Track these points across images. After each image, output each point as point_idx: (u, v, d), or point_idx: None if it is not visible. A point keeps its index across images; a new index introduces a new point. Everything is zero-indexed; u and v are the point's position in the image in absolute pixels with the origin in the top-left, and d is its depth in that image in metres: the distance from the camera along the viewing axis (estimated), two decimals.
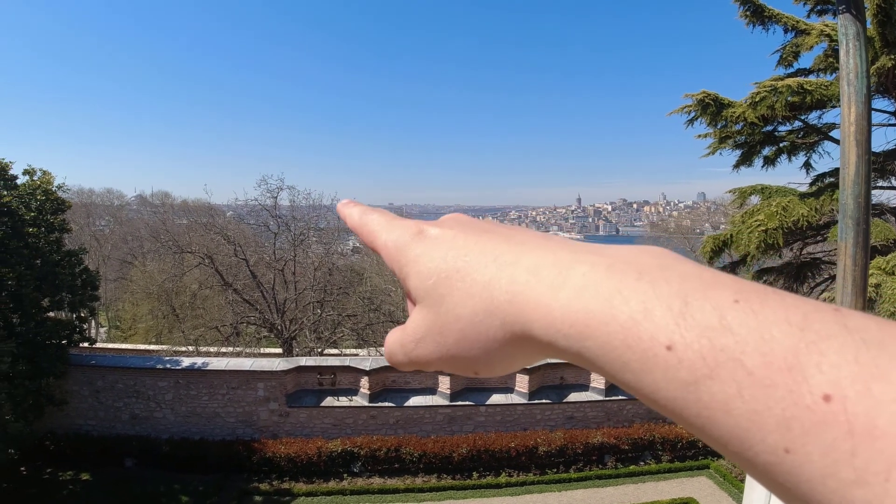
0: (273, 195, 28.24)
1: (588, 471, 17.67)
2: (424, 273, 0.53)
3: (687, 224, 76.79)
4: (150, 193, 79.05)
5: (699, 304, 0.35)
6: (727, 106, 15.11)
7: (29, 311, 17.33)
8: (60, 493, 16.76)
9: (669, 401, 0.35)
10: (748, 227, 14.93)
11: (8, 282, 16.14)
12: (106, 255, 58.16)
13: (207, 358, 19.98)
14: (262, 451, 17.59)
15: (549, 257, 0.45)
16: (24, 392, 15.93)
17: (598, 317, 0.38)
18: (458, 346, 0.49)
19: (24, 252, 16.87)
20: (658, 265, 0.41)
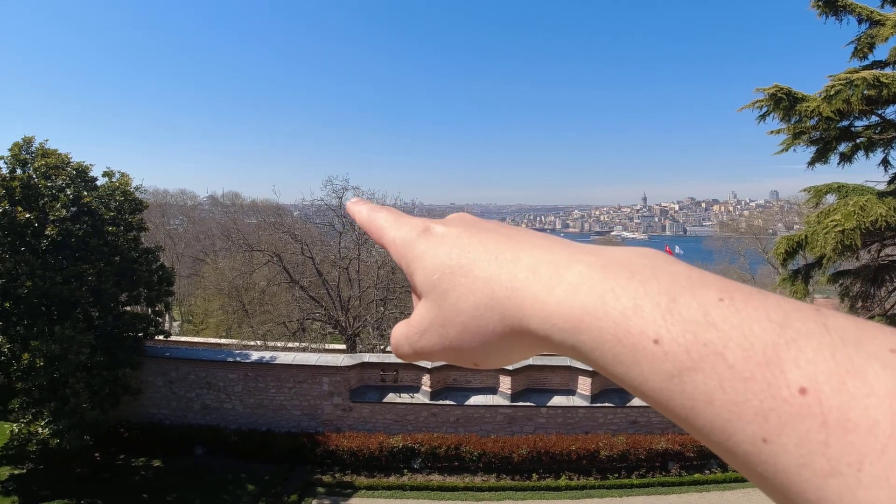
0: (338, 195, 28.77)
1: (651, 477, 17.28)
2: (429, 268, 0.56)
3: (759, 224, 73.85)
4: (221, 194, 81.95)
5: (686, 301, 0.38)
6: (801, 100, 14.49)
7: (108, 305, 18.26)
8: (133, 478, 17.58)
9: (655, 391, 0.38)
10: (824, 228, 14.27)
11: (88, 277, 17.03)
12: (179, 252, 60.60)
13: (275, 352, 20.57)
14: (325, 443, 17.98)
15: (547, 256, 0.49)
16: (101, 382, 16.79)
17: (591, 312, 0.41)
18: (459, 338, 0.53)
19: (104, 249, 17.77)
20: (650, 265, 0.43)
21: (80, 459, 17.66)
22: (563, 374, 19.14)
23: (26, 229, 16.37)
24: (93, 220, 17.75)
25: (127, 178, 19.59)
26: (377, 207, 0.69)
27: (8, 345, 15.58)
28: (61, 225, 16.56)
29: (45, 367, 15.20)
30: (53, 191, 17.21)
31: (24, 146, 17.63)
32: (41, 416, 15.77)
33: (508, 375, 18.63)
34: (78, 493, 16.23)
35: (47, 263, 16.31)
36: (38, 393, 15.61)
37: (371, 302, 27.63)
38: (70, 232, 16.74)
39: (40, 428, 15.67)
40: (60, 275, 16.30)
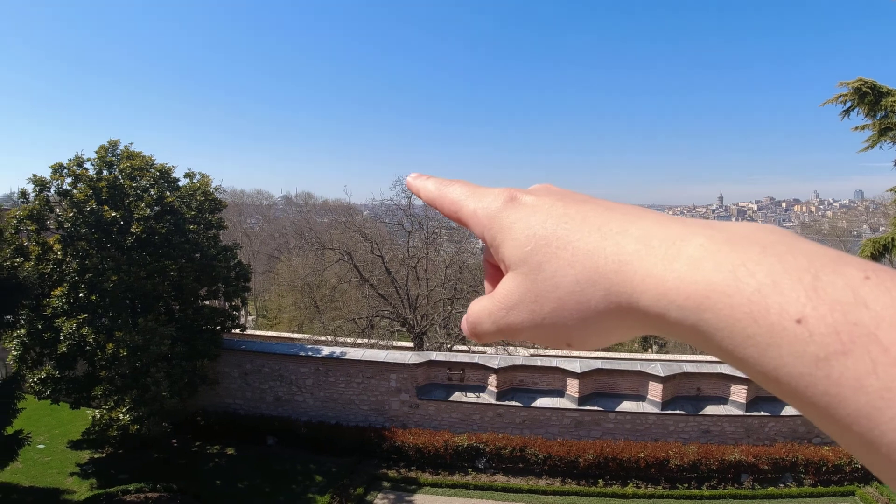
0: (408, 195, 29.03)
1: (722, 489, 16.62)
2: (521, 240, 0.52)
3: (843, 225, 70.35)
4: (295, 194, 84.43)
5: (830, 279, 0.35)
6: (887, 94, 13.68)
7: (188, 300, 19.06)
8: (207, 465, 18.28)
9: (794, 378, 0.35)
10: None
11: (171, 273, 17.80)
12: (255, 250, 62.72)
13: (344, 348, 20.96)
14: (391, 439, 18.21)
15: (658, 229, 0.45)
16: (180, 372, 17.53)
17: (720, 288, 0.38)
18: (554, 314, 0.49)
19: (186, 247, 18.55)
20: (781, 241, 0.40)
21: (158, 445, 18.52)
22: (633, 379, 18.69)
23: (112, 227, 17.26)
24: (175, 218, 18.56)
25: (207, 179, 20.40)
26: (447, 181, 0.66)
27: (93, 335, 16.38)
28: (145, 223, 17.34)
29: (128, 357, 15.96)
30: (138, 191, 18.08)
31: (110, 149, 18.59)
32: (123, 403, 16.57)
33: (576, 378, 18.35)
34: (154, 477, 16.95)
35: (132, 259, 17.14)
36: (121, 381, 16.42)
37: (438, 301, 27.77)
38: (154, 230, 17.54)
39: (121, 414, 16.46)
40: (144, 270, 17.11)
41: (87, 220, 16.87)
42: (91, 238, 17.10)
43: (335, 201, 65.84)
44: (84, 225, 16.92)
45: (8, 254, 16.45)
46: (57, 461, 18.08)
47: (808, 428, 18.02)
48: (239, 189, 75.51)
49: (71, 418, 19.89)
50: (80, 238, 17.11)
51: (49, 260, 17.36)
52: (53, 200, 18.04)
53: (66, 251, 17.22)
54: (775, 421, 18.05)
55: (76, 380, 17.50)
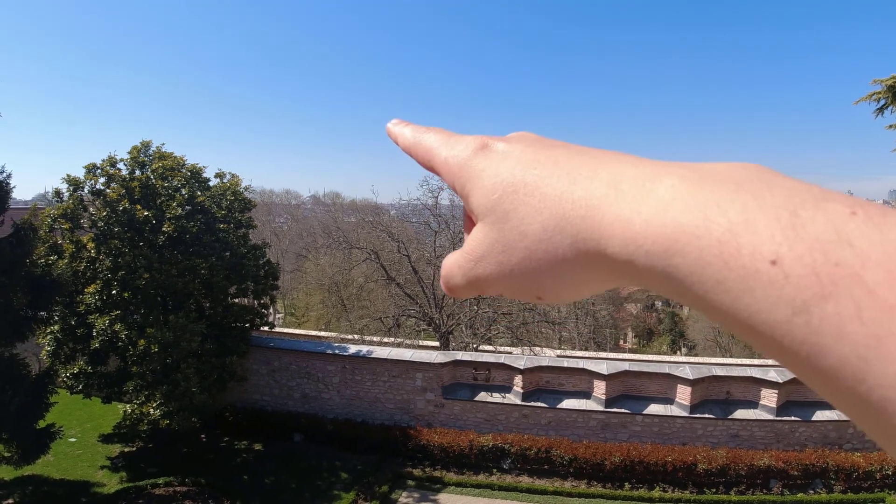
0: (434, 195, 29.09)
1: (751, 495, 16.33)
2: (489, 187, 0.50)
3: None
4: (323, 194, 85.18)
5: (810, 215, 0.31)
6: None
7: (218, 297, 19.34)
8: (235, 460, 18.53)
9: (770, 325, 0.31)
10: None
11: (201, 271, 18.08)
12: (284, 249, 63.46)
13: (371, 347, 21.09)
14: (416, 438, 18.27)
15: (630, 170, 0.42)
16: (210, 368, 17.81)
17: (689, 230, 0.35)
18: (522, 265, 0.47)
19: (216, 245, 18.83)
20: (759, 177, 0.36)
21: (187, 440, 18.85)
22: (661, 382, 18.47)
23: (145, 226, 17.59)
24: (206, 218, 18.85)
25: (237, 179, 20.69)
26: (423, 128, 0.63)
27: (126, 331, 16.70)
28: (177, 222, 17.64)
29: (159, 353, 16.26)
30: (170, 191, 18.42)
31: (143, 149, 18.97)
32: (153, 398, 16.90)
33: (603, 380, 18.20)
34: (183, 471, 17.25)
35: (164, 257, 17.44)
36: (152, 377, 16.73)
37: (465, 301, 27.76)
38: (185, 229, 17.83)
39: (152, 409, 16.79)
40: (176, 268, 17.40)
41: (120, 219, 17.21)
42: (124, 237, 17.44)
43: (362, 201, 66.23)
44: (117, 224, 17.27)
45: (42, 252, 16.88)
46: (88, 454, 18.49)
47: (839, 434, 17.65)
48: (268, 189, 76.57)
49: (102, 413, 20.32)
50: (113, 237, 17.46)
51: (82, 258, 17.76)
52: (87, 200, 18.46)
53: (99, 249, 17.60)
54: (806, 426, 17.69)
55: (108, 375, 17.89)
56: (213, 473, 17.40)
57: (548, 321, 34.59)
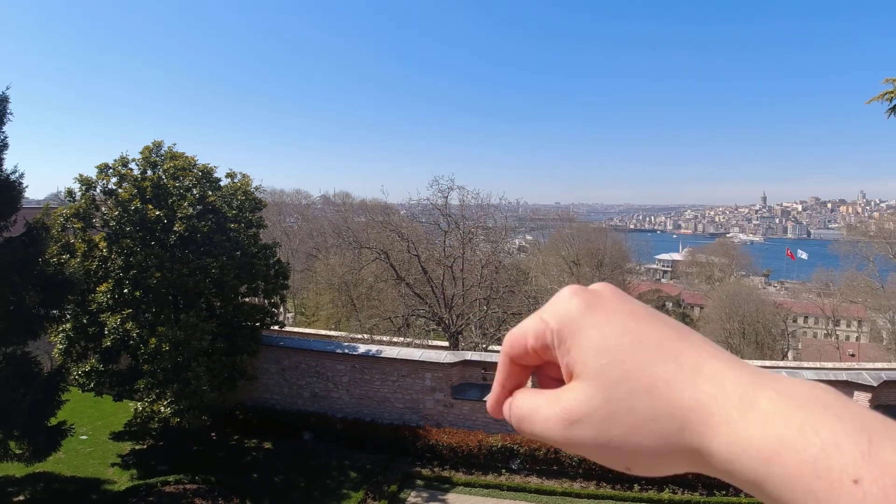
0: (444, 195, 29.11)
1: None
2: (596, 349, 0.51)
3: (890, 227, 67.68)
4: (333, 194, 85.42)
5: (881, 444, 0.38)
6: None
7: (229, 296, 19.44)
8: (244, 458, 18.61)
9: None
10: None
11: (212, 270, 18.18)
12: (294, 248, 63.66)
13: (380, 346, 21.13)
14: (425, 437, 18.29)
15: (729, 371, 0.47)
16: (220, 366, 17.91)
17: (788, 444, 0.40)
18: (624, 438, 0.48)
19: (227, 245, 18.92)
20: (837, 401, 0.42)
21: (197, 438, 18.96)
22: None
23: (156, 225, 17.70)
24: (217, 217, 18.95)
25: (247, 179, 20.79)
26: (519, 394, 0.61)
27: (137, 330, 16.83)
28: (188, 222, 17.73)
29: (170, 352, 16.37)
30: (181, 190, 18.52)
31: (154, 149, 19.10)
32: (164, 396, 16.98)
33: None
34: (193, 469, 17.32)
35: (175, 257, 17.55)
36: (163, 375, 16.84)
37: (474, 301, 27.75)
38: (196, 228, 17.92)
39: (163, 407, 16.89)
40: (187, 267, 17.51)
41: (132, 219, 17.33)
42: (135, 236, 17.56)
43: (372, 201, 66.47)
44: (129, 223, 17.39)
45: (55, 251, 17.03)
46: (99, 452, 18.62)
47: None
48: (278, 189, 76.82)
49: (113, 410, 20.47)
50: (125, 236, 17.59)
51: (94, 257, 17.90)
52: (99, 199, 18.60)
53: (111, 248, 17.73)
54: None
55: (119, 373, 18.01)
56: (222, 471, 17.46)
57: None
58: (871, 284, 59.38)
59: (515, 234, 51.51)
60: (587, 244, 64.74)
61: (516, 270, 39.73)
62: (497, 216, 33.35)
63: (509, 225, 37.42)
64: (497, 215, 33.26)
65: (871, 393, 17.25)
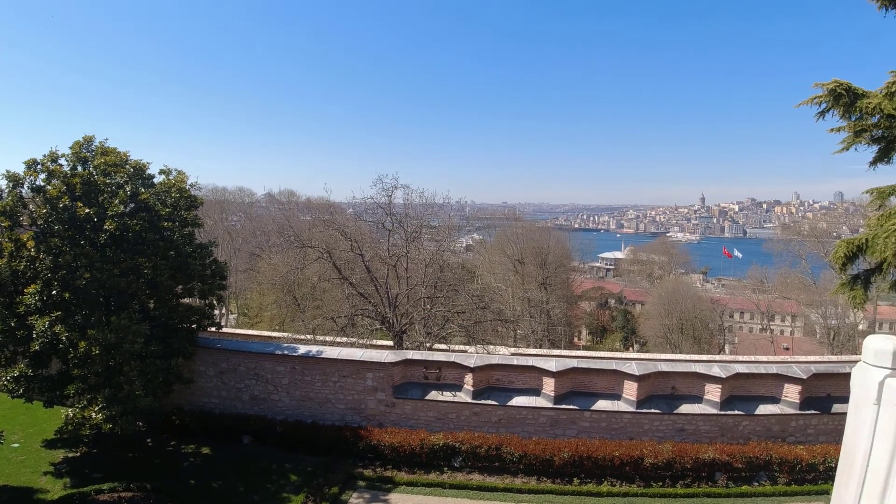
0: (388, 194, 29.01)
1: (696, 487, 16.73)
2: None
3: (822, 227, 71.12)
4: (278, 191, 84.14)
5: None
6: (861, 96, 13.83)
7: (163, 298, 18.89)
8: (182, 464, 18.17)
9: None
10: (885, 231, 13.58)
11: (145, 270, 17.62)
12: (237, 247, 62.48)
13: (321, 347, 20.90)
14: (368, 438, 18.20)
15: None
16: (155, 370, 17.38)
17: None
18: None
19: (160, 244, 18.35)
20: None
21: (133, 445, 18.43)
22: (608, 378, 18.81)
23: (86, 224, 17.05)
24: (149, 215, 18.35)
25: (183, 175, 20.20)
26: None
27: (66, 333, 16.19)
28: (119, 220, 17.14)
29: (101, 355, 15.82)
30: (112, 187, 17.85)
31: (85, 144, 18.38)
32: (95, 401, 16.42)
33: (552, 377, 18.42)
34: (129, 476, 16.80)
35: (105, 256, 16.93)
36: (94, 379, 16.27)
37: (419, 299, 27.79)
38: (127, 227, 17.34)
39: (94, 413, 16.32)
40: (118, 268, 16.91)
41: (61, 217, 16.67)
42: (65, 235, 16.87)
43: (318, 199, 65.70)
44: (57, 221, 16.71)
45: None
46: (31, 460, 17.91)
47: (781, 427, 18.25)
48: (220, 186, 75.06)
49: (46, 417, 19.73)
50: (54, 235, 16.88)
51: (22, 257, 17.11)
52: (27, 196, 17.79)
53: (39, 248, 16.98)
54: (749, 420, 18.24)
55: (49, 378, 17.29)
56: (159, 478, 17.00)
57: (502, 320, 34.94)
58: (804, 281, 62.13)
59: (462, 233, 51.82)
60: (532, 243, 65.61)
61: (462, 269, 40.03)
62: (442, 215, 33.49)
63: (455, 224, 37.61)
64: (442, 214, 33.40)
65: (801, 386, 18.02)
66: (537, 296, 59.22)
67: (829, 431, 18.06)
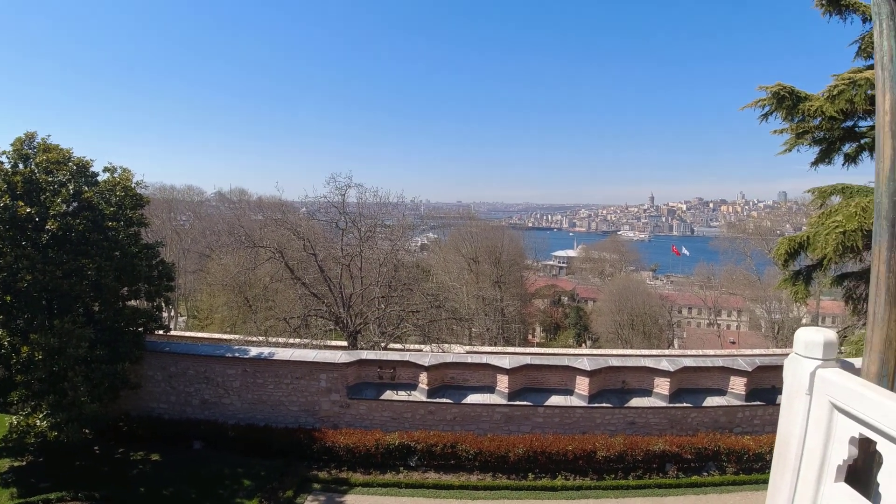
0: (341, 192, 28.75)
1: (648, 479, 17.15)
2: None
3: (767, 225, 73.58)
4: (229, 190, 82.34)
5: None
6: (804, 99, 14.37)
7: (108, 300, 18.29)
8: (131, 472, 17.64)
9: None
10: (825, 229, 14.14)
11: (89, 272, 17.07)
12: (186, 248, 61.02)
13: (273, 348, 20.57)
14: (322, 440, 18.01)
15: None
16: (100, 375, 16.86)
17: None
18: None
19: (105, 245, 17.78)
20: None
21: (80, 452, 17.80)
22: (561, 374, 19.07)
23: (27, 224, 16.42)
24: (93, 215, 17.77)
25: (128, 173, 19.62)
26: None
27: (8, 338, 15.65)
28: (62, 220, 16.58)
29: (44, 361, 15.27)
30: (55, 186, 17.24)
31: (26, 141, 17.69)
32: (40, 408, 15.83)
33: (506, 374, 18.59)
34: (76, 485, 16.25)
35: (48, 258, 16.34)
36: (38, 385, 15.65)
37: (373, 299, 27.65)
38: (71, 227, 16.78)
39: (38, 420, 15.72)
40: (61, 269, 16.34)
41: (1, 217, 15.97)
42: (5, 235, 16.17)
43: (270, 198, 64.63)
44: None
45: None
46: None
47: (728, 418, 18.82)
48: (169, 184, 73.13)
49: None
50: None
51: None
52: None
53: None
54: (697, 412, 18.76)
55: None
56: (108, 486, 16.44)
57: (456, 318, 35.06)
58: (749, 277, 64.27)
59: (416, 232, 51.71)
60: (487, 242, 66.01)
61: (417, 268, 39.94)
62: (397, 214, 33.37)
63: (410, 223, 37.50)
64: (397, 213, 33.28)
65: (746, 378, 18.62)
66: (492, 294, 59.62)
67: (775, 422, 18.51)
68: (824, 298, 56.24)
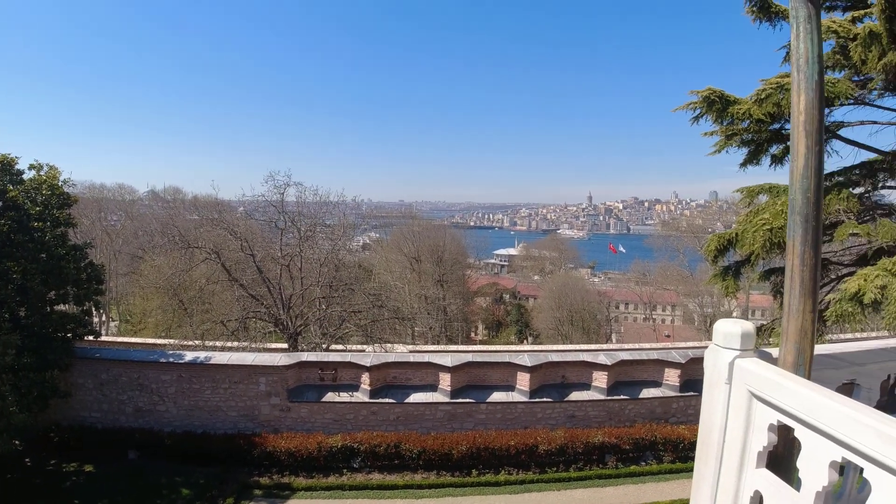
0: (280, 191, 28.20)
1: (588, 470, 17.54)
2: None
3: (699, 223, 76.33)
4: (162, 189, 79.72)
5: None
6: (733, 103, 14.88)
7: (35, 304, 17.45)
8: (64, 483, 16.89)
9: None
10: (753, 226, 14.72)
11: (13, 275, 16.25)
12: (117, 249, 58.71)
13: (210, 352, 20.01)
14: (262, 445, 17.64)
15: None
16: (29, 384, 16.07)
17: None
18: None
19: (30, 246, 16.97)
20: None
21: (10, 465, 16.95)
22: (502, 371, 19.25)
23: None
24: (18, 215, 16.91)
25: (55, 171, 18.74)
26: None
27: None
28: None
29: None
30: None
31: None
32: None
33: (448, 373, 18.64)
34: (7, 499, 15.55)
35: None
36: None
37: (314, 300, 27.26)
38: None
39: None
40: None
41: None
42: None
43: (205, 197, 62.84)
44: None
45: None
46: None
47: (664, 409, 19.42)
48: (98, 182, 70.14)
49: None
50: None
51: None
52: None
53: None
54: (634, 403, 19.27)
55: None
56: (41, 500, 15.74)
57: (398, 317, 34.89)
58: (682, 273, 66.53)
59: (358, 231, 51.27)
60: (429, 241, 66.05)
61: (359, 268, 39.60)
62: (337, 213, 32.94)
63: (351, 222, 37.10)
64: (337, 212, 32.85)
65: (679, 369, 19.26)
66: (434, 293, 59.70)
67: None
68: (753, 293, 58.67)
